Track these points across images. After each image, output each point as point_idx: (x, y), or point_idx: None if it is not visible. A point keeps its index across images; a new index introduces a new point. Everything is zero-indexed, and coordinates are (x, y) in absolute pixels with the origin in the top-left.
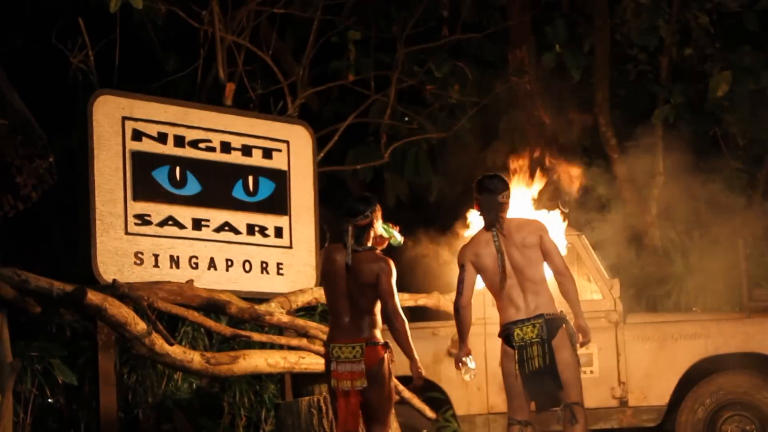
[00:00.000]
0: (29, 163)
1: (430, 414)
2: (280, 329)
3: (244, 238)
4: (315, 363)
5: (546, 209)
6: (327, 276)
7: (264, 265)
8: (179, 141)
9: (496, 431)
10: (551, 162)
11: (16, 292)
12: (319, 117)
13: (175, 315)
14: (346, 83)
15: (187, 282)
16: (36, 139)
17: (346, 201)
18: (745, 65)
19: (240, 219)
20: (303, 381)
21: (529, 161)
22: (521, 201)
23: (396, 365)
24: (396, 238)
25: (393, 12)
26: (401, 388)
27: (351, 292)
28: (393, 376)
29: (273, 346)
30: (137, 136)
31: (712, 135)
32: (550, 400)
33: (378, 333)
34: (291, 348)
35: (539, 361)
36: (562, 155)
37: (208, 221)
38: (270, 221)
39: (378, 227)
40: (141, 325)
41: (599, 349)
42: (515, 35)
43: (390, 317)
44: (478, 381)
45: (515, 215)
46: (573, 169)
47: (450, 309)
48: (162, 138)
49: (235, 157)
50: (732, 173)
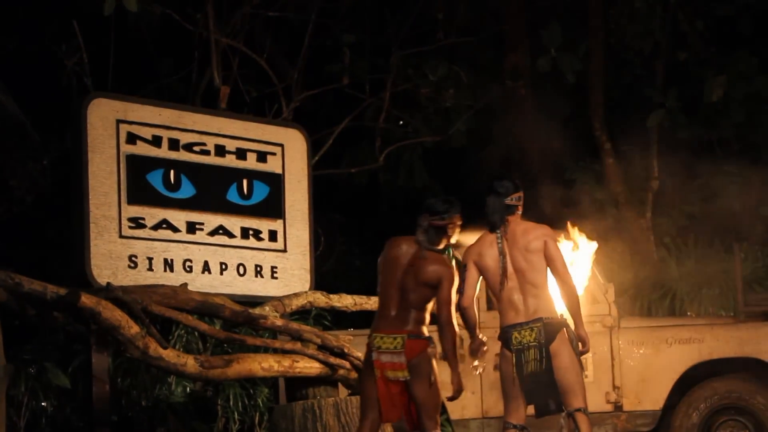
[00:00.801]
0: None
1: None
2: (274, 333)
3: (238, 241)
4: (309, 367)
5: None
6: (385, 265)
7: (258, 269)
8: (173, 144)
9: None
10: None
11: (9, 295)
12: (314, 120)
13: (169, 318)
14: (340, 87)
15: (181, 285)
16: (30, 143)
17: (429, 198)
18: (740, 70)
19: (234, 222)
20: (297, 385)
21: None
22: None
23: None
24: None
25: (388, 15)
26: None
27: (405, 285)
28: (435, 371)
29: (267, 349)
30: (131, 139)
31: (706, 139)
32: (549, 404)
33: (422, 328)
34: (285, 352)
35: (535, 366)
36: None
37: (202, 225)
38: (264, 225)
39: (452, 235)
40: (135, 329)
41: (594, 354)
42: (510, 39)
43: (442, 325)
44: (472, 385)
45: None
46: None
47: None
48: (156, 141)
49: (230, 161)
50: (727, 177)
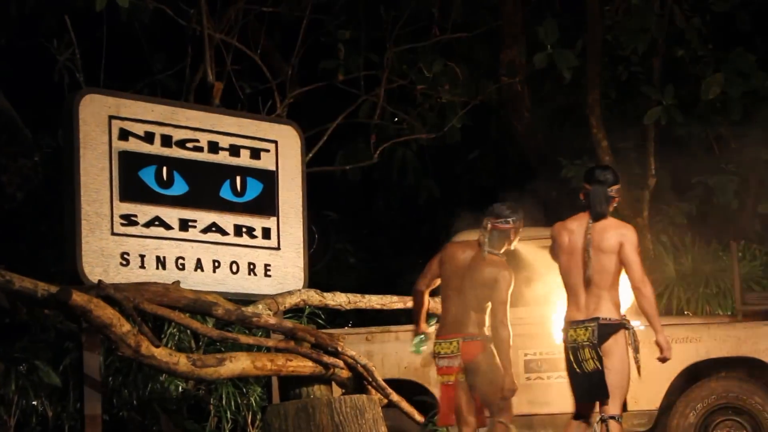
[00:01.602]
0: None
1: (418, 418)
2: (267, 331)
3: (231, 239)
4: (302, 366)
5: None
6: (444, 269)
7: (251, 267)
8: (166, 141)
9: None
10: None
11: None
12: (309, 117)
13: (161, 317)
14: (335, 83)
15: (174, 283)
16: (21, 139)
17: (494, 203)
18: (738, 67)
19: (227, 220)
20: (290, 384)
21: None
22: None
23: (384, 368)
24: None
25: (383, 11)
26: (390, 391)
27: (463, 287)
28: (498, 367)
29: (260, 348)
30: (124, 135)
31: (704, 137)
32: (590, 401)
33: (482, 329)
34: (278, 350)
35: (593, 364)
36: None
37: (195, 222)
38: (258, 222)
39: (514, 240)
40: (126, 327)
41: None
42: (506, 35)
43: (496, 326)
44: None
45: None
46: None
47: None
48: (149, 137)
49: (223, 157)
50: (724, 176)
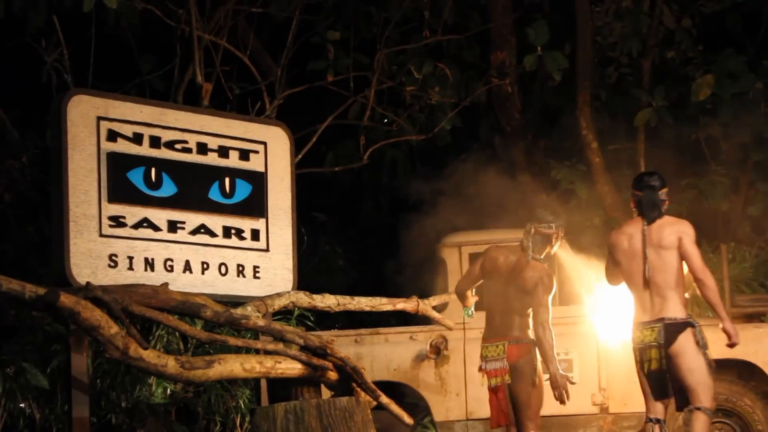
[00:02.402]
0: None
1: (408, 420)
2: (256, 333)
3: (220, 240)
4: (291, 368)
5: None
6: (487, 275)
7: (240, 269)
8: (155, 142)
9: None
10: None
11: None
12: (298, 118)
13: (150, 318)
14: (324, 84)
15: (162, 285)
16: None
17: (537, 209)
18: (728, 68)
19: (216, 221)
20: (279, 386)
21: None
22: None
23: (374, 370)
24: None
25: (373, 12)
26: (379, 393)
27: (506, 292)
28: (539, 374)
29: (249, 350)
30: (112, 136)
31: (694, 139)
32: (682, 400)
33: (526, 332)
34: (267, 353)
35: (656, 364)
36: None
37: (183, 223)
38: (247, 224)
39: (555, 244)
40: (114, 329)
41: (579, 355)
42: (496, 37)
43: (537, 328)
44: (456, 387)
45: None
46: None
47: (428, 313)
48: (137, 139)
49: (212, 159)
50: (714, 178)
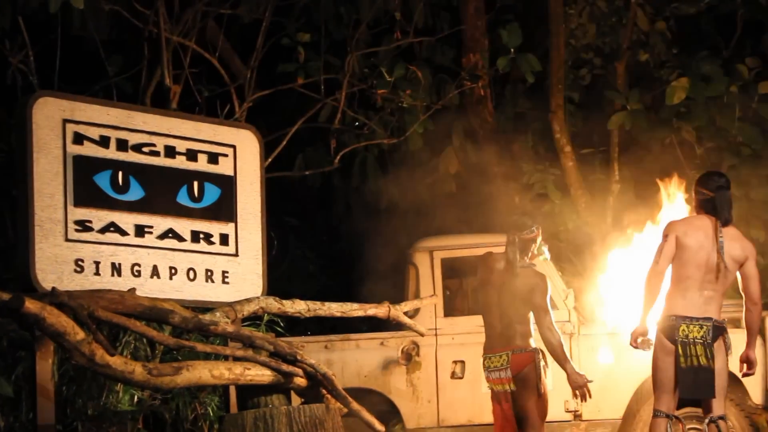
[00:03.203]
0: None
1: (379, 427)
2: (225, 340)
3: (188, 245)
4: (261, 374)
5: None
6: (481, 285)
7: (209, 274)
8: (122, 145)
9: None
10: None
11: None
12: (268, 121)
13: (117, 324)
14: (295, 87)
15: (129, 290)
16: None
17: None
18: (703, 72)
19: (184, 226)
20: (248, 393)
21: None
22: None
23: (344, 376)
24: (545, 254)
25: (343, 14)
26: (350, 399)
27: (502, 302)
28: (544, 382)
29: (218, 356)
30: (78, 139)
31: (668, 142)
32: (695, 397)
33: (527, 341)
34: (236, 359)
35: (705, 360)
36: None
37: (151, 228)
38: (215, 228)
39: (539, 245)
40: (81, 335)
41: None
42: (469, 39)
43: (544, 332)
44: (428, 393)
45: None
46: None
47: (400, 319)
48: (104, 142)
49: (180, 162)
50: (689, 182)
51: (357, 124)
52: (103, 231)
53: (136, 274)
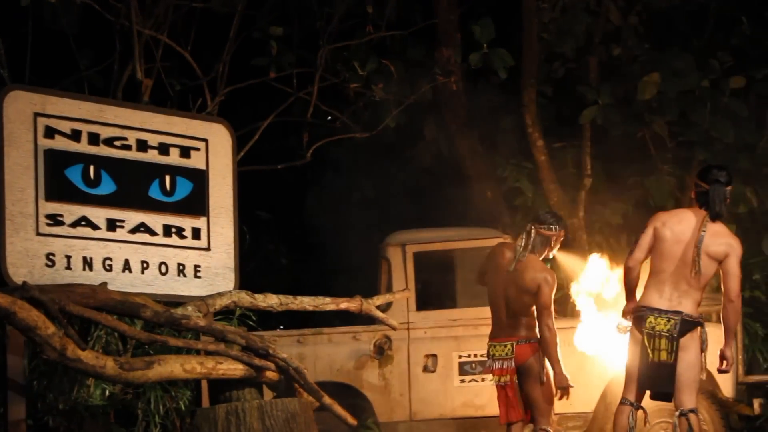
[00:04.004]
0: None
1: (351, 421)
2: (197, 334)
3: (160, 239)
4: (233, 369)
5: None
6: (490, 273)
7: (181, 268)
8: (94, 139)
9: None
10: None
11: None
12: (240, 115)
13: (88, 319)
14: (267, 80)
15: (101, 285)
16: None
17: (539, 211)
18: (674, 66)
19: (156, 220)
20: (220, 387)
21: None
22: None
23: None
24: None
25: (316, 8)
26: (322, 394)
27: (509, 292)
28: (547, 371)
29: (189, 351)
30: (50, 133)
31: (640, 137)
32: (664, 394)
33: (533, 332)
34: (208, 353)
35: (666, 356)
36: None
37: (123, 222)
38: (187, 222)
39: (555, 247)
40: (52, 329)
41: None
42: (441, 33)
43: (542, 329)
44: (400, 387)
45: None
46: None
47: (372, 313)
48: (75, 135)
49: (152, 156)
50: (660, 176)
51: (329, 118)
52: (75, 225)
53: (107, 268)
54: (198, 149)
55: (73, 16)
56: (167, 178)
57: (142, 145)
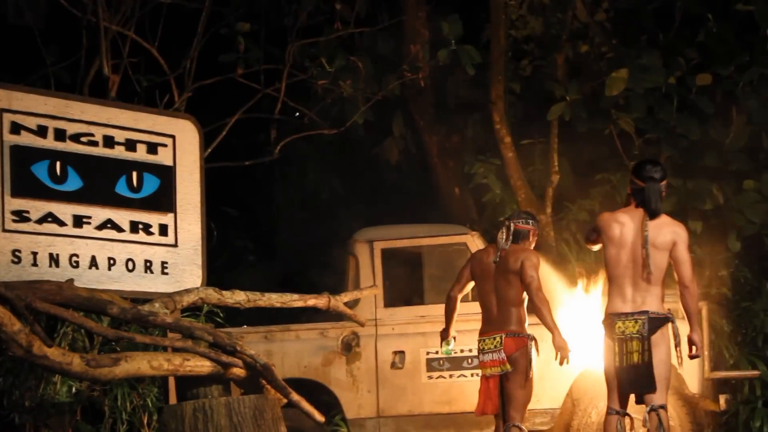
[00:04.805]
0: None
1: (319, 417)
2: (164, 330)
3: (127, 235)
4: (200, 365)
5: None
6: (476, 276)
7: (148, 264)
8: (60, 135)
9: None
10: None
11: None
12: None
13: (54, 315)
14: (235, 77)
15: (67, 281)
16: None
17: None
18: (641, 63)
19: (123, 216)
20: (188, 384)
21: None
22: None
23: (284, 367)
24: None
25: (284, 4)
26: (289, 390)
27: (498, 284)
28: (532, 368)
29: (157, 348)
30: (15, 129)
31: (607, 133)
32: (636, 392)
33: (523, 326)
34: (176, 350)
35: (638, 357)
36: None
37: (89, 218)
38: (154, 218)
39: (532, 242)
40: (17, 326)
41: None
42: (409, 30)
43: (534, 301)
44: (368, 384)
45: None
46: None
47: (340, 309)
48: (42, 131)
49: (119, 152)
50: (627, 172)
51: (297, 114)
52: (41, 221)
53: (74, 264)
54: (165, 145)
55: (39, 11)
56: (134, 174)
57: (108, 141)
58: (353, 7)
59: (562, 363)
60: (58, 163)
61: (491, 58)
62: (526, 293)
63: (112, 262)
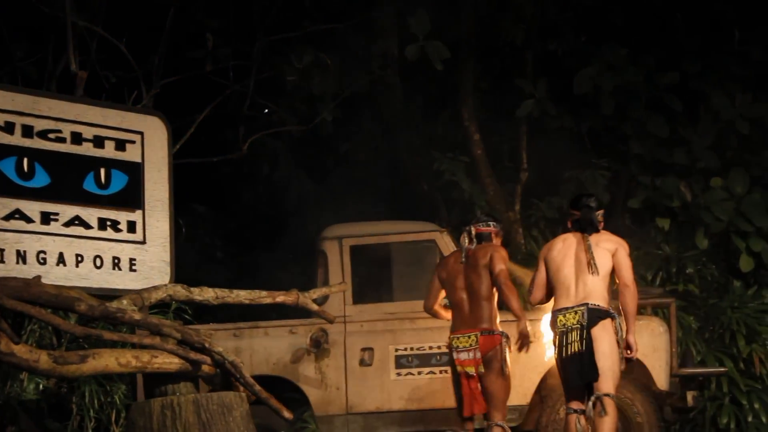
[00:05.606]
0: None
1: (287, 414)
2: (132, 327)
3: (95, 232)
4: (168, 362)
5: None
6: (444, 282)
7: (116, 261)
8: (27, 131)
9: None
10: None
11: None
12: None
13: (21, 312)
14: (203, 73)
15: (35, 278)
16: None
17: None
18: (610, 61)
19: (91, 213)
20: (156, 381)
21: None
22: None
23: (253, 364)
24: None
25: (253, 0)
26: (258, 387)
27: (469, 280)
28: (508, 365)
29: (125, 345)
30: None
31: (576, 131)
32: (582, 382)
33: (495, 323)
34: (143, 347)
35: (578, 346)
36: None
37: (57, 215)
38: (122, 215)
39: (496, 243)
40: None
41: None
42: (378, 26)
43: (500, 285)
44: (336, 381)
45: None
46: None
47: (309, 306)
48: (9, 128)
49: (87, 149)
50: (595, 170)
51: (266, 111)
52: (8, 218)
53: (41, 261)
54: (133, 142)
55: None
56: (102, 171)
57: (76, 138)
58: (323, 4)
59: (520, 350)
60: (25, 160)
61: (460, 55)
62: (494, 284)
63: (79, 258)
